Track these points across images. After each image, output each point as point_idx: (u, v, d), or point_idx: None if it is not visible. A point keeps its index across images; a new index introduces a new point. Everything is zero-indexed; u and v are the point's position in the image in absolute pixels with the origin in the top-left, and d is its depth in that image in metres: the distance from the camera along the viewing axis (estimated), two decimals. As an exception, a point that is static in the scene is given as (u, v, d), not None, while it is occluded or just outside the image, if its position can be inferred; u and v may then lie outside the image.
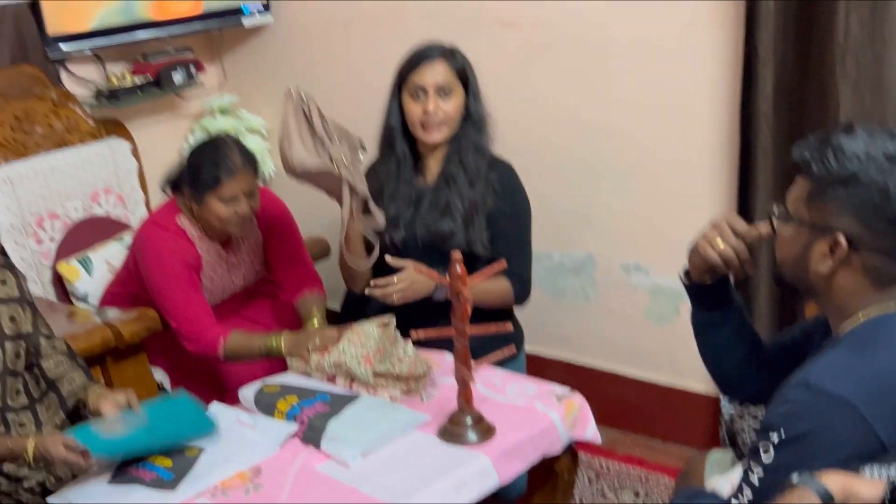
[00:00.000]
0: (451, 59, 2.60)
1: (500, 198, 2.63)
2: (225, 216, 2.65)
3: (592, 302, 3.35)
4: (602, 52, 3.11)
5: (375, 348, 2.37)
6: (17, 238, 3.07)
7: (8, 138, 3.21)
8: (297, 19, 3.84)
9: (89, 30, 3.43)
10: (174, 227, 2.73)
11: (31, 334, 2.34)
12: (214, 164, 2.62)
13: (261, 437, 2.20)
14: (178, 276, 2.67)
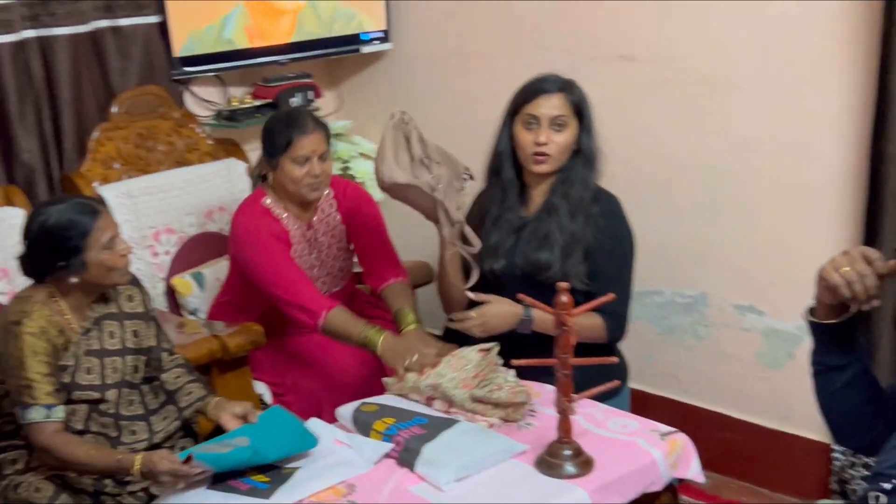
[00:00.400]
0: (568, 92, 2.59)
1: (601, 231, 2.60)
2: (298, 177, 2.77)
3: (703, 341, 3.28)
4: (721, 87, 3.07)
5: (473, 373, 2.36)
6: (135, 250, 3.18)
7: (131, 154, 3.36)
8: (416, 48, 3.91)
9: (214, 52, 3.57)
10: (260, 207, 2.86)
11: (154, 348, 2.47)
12: (286, 126, 2.78)
13: (356, 454, 2.21)
14: (271, 248, 2.77)
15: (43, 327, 2.26)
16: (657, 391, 3.40)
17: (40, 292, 2.33)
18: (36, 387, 2.21)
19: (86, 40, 3.28)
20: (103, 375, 2.36)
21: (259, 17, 3.61)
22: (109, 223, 2.31)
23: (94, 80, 3.34)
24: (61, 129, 3.24)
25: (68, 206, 2.28)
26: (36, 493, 2.26)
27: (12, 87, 3.08)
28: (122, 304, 2.45)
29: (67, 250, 2.25)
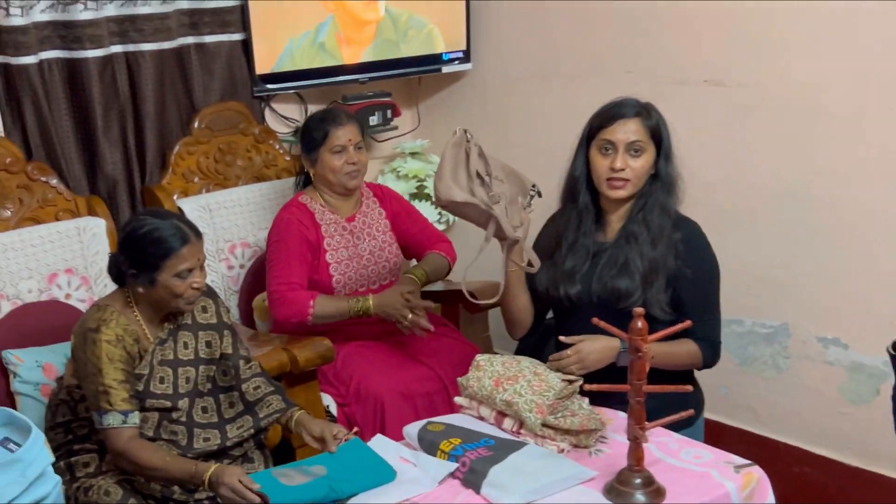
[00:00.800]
0: (645, 117, 2.55)
1: (683, 259, 2.55)
2: (338, 166, 2.99)
3: (783, 373, 3.20)
4: (811, 114, 3.01)
5: (552, 401, 2.34)
6: (210, 262, 3.26)
7: (211, 169, 3.43)
8: (496, 69, 3.92)
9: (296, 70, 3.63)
10: (296, 203, 3.07)
11: (231, 356, 2.52)
12: (321, 121, 3.04)
13: (421, 473, 2.21)
14: (289, 245, 2.96)
15: (119, 335, 2.32)
16: (733, 422, 3.33)
17: (118, 301, 2.40)
18: (112, 393, 2.28)
19: (171, 56, 3.36)
20: (175, 385, 2.42)
21: (346, 27, 3.69)
22: (194, 254, 2.35)
23: (177, 96, 3.42)
24: (144, 142, 3.32)
25: (164, 224, 2.34)
26: (105, 496, 2.31)
27: (98, 101, 3.17)
28: (197, 315, 2.50)
29: (144, 263, 2.32)
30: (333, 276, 3.02)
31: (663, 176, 2.57)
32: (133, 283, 2.37)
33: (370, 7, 3.72)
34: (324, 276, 3.01)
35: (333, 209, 3.08)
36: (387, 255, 3.14)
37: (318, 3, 3.60)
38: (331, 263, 3.02)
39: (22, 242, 2.92)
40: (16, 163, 3.00)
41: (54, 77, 3.11)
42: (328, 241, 3.03)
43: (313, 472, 2.19)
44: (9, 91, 3.05)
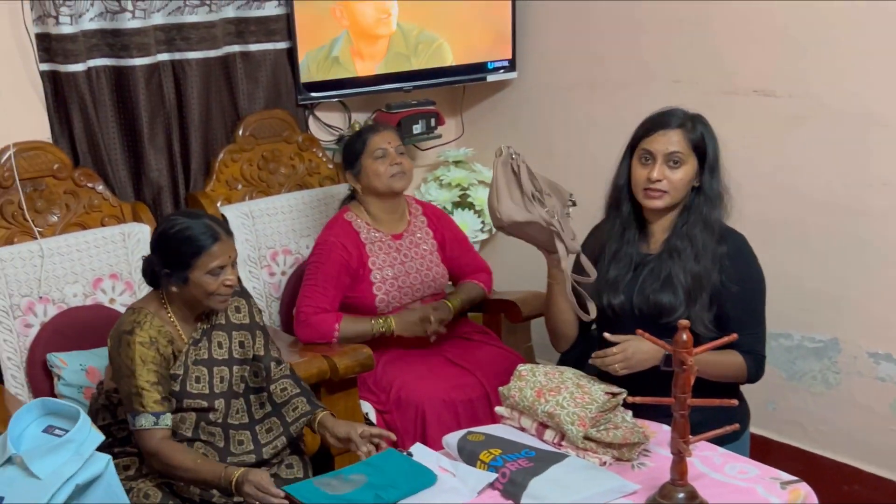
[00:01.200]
0: (689, 128, 2.51)
1: (728, 273, 2.51)
2: (382, 171, 3.01)
3: (833, 389, 3.16)
4: (863, 125, 2.98)
5: (594, 414, 2.32)
6: (252, 269, 3.29)
7: (254, 176, 3.46)
8: (541, 78, 3.92)
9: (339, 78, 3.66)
10: (340, 221, 3.10)
11: (263, 357, 2.56)
12: (359, 134, 3.10)
13: (460, 483, 2.20)
14: (327, 270, 2.99)
15: (153, 337, 2.36)
16: (780, 438, 3.29)
17: (152, 303, 2.45)
18: (145, 395, 2.32)
19: (216, 64, 3.41)
20: (211, 385, 2.45)
21: (360, 41, 3.71)
22: (225, 251, 2.39)
23: (222, 103, 3.46)
24: (189, 149, 3.36)
25: (195, 223, 2.39)
26: (145, 499, 2.35)
27: (145, 108, 3.22)
28: (230, 315, 2.54)
29: (176, 262, 2.36)
30: (377, 295, 3.04)
31: (707, 189, 2.53)
32: (167, 283, 2.41)
33: (382, 22, 3.74)
34: (367, 294, 3.03)
35: (379, 226, 3.09)
36: (433, 274, 3.15)
37: (334, 17, 3.63)
38: (375, 283, 3.04)
39: (68, 247, 2.97)
40: (63, 169, 3.05)
41: (102, 84, 3.16)
42: (373, 259, 3.04)
43: (354, 481, 2.19)
44: (57, 98, 3.10)
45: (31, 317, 2.89)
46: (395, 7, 3.73)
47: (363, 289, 3.03)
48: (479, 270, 3.30)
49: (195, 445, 2.43)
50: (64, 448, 2.07)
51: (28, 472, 2.03)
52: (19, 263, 2.88)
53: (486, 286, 3.28)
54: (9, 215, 2.96)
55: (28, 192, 2.98)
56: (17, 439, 2.11)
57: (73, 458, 2.07)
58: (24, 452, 2.05)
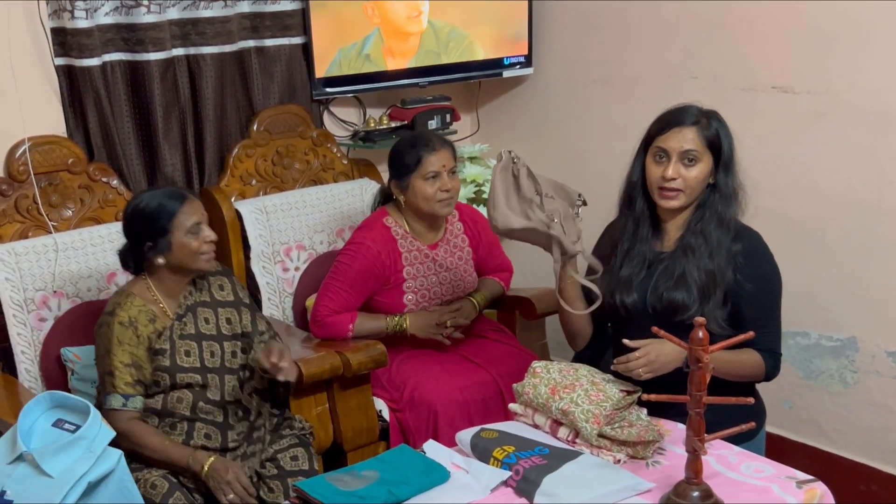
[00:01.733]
0: (704, 125, 2.48)
1: (743, 271, 2.49)
2: (431, 193, 2.93)
3: (850, 388, 3.14)
4: (883, 122, 2.96)
5: (610, 412, 2.32)
6: (265, 264, 3.30)
7: (268, 171, 3.47)
8: (557, 74, 3.91)
9: (354, 73, 3.66)
10: (379, 225, 3.03)
11: (251, 332, 2.67)
12: (413, 146, 2.95)
13: (473, 480, 2.20)
14: (354, 275, 2.95)
15: (133, 317, 2.48)
16: (796, 437, 3.28)
17: (137, 284, 2.57)
18: (117, 375, 2.43)
19: (231, 59, 3.41)
20: (202, 359, 2.55)
21: (391, 39, 3.71)
22: (196, 209, 2.54)
23: (237, 98, 3.47)
24: (203, 144, 3.37)
25: (159, 192, 2.55)
26: (152, 489, 2.38)
27: (159, 103, 3.23)
28: (215, 293, 2.65)
29: (155, 231, 2.48)
30: (407, 305, 3.03)
31: (722, 187, 2.51)
32: (153, 258, 2.52)
33: (413, 20, 3.75)
34: (397, 301, 3.02)
35: (417, 236, 3.05)
36: (464, 283, 3.14)
37: (365, 15, 3.64)
38: (406, 292, 3.03)
39: (82, 242, 2.99)
40: (78, 163, 3.07)
41: (117, 79, 3.17)
42: (408, 269, 3.02)
43: (367, 477, 2.19)
44: (72, 92, 3.12)
45: (46, 311, 2.90)
46: (427, 5, 3.74)
47: (394, 294, 3.01)
48: (503, 269, 3.29)
49: (196, 426, 2.53)
50: (75, 445, 2.09)
51: (40, 471, 2.04)
52: (34, 258, 2.89)
53: (506, 285, 3.27)
54: (24, 209, 2.98)
55: (43, 187, 3.00)
56: (27, 434, 2.12)
57: (84, 455, 2.08)
58: (35, 450, 2.06)
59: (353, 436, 2.89)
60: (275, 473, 2.55)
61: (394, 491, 2.13)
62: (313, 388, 2.84)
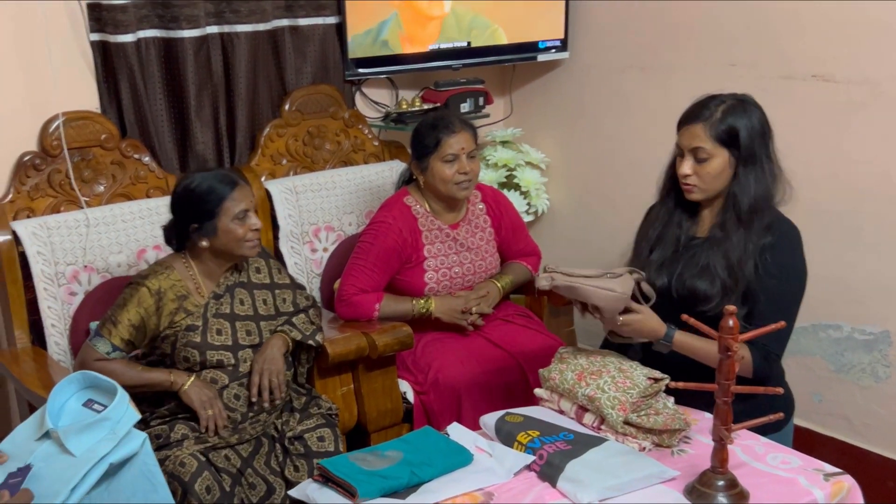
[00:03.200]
0: (714, 122, 2.44)
1: (766, 263, 2.47)
2: (448, 175, 2.96)
3: (882, 382, 3.12)
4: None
5: (636, 399, 2.32)
6: (294, 244, 3.33)
7: (299, 151, 3.49)
8: (593, 59, 3.90)
9: (387, 54, 3.67)
10: (400, 204, 3.08)
11: (292, 313, 2.76)
12: (433, 128, 2.99)
13: (496, 464, 2.21)
14: (378, 253, 2.99)
15: (163, 288, 2.56)
16: (825, 431, 3.27)
17: (177, 259, 2.64)
18: (118, 327, 2.53)
19: (265, 38, 3.44)
20: (235, 338, 2.62)
21: (409, 24, 3.69)
22: (245, 196, 2.59)
23: (269, 77, 3.50)
24: (235, 122, 3.40)
25: (211, 175, 2.59)
26: (181, 467, 2.41)
27: (192, 81, 3.26)
28: (252, 276, 2.71)
29: (203, 213, 2.54)
30: (428, 283, 3.05)
31: (742, 180, 2.47)
32: (197, 239, 2.58)
33: (435, 4, 3.72)
34: (418, 280, 3.05)
35: (437, 215, 3.09)
36: (486, 265, 3.16)
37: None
38: (427, 270, 3.05)
39: (113, 217, 3.03)
40: (110, 139, 3.11)
41: (151, 56, 3.20)
42: (429, 248, 3.05)
43: (390, 457, 2.21)
44: (106, 68, 3.15)
45: (76, 285, 2.95)
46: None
47: (414, 274, 3.04)
48: (531, 254, 3.30)
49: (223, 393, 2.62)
50: (100, 426, 2.11)
51: (63, 449, 2.07)
52: (65, 232, 2.94)
53: (533, 269, 3.28)
54: (56, 184, 3.02)
55: (76, 162, 3.04)
56: (57, 412, 2.15)
57: (108, 436, 2.10)
58: (61, 428, 2.09)
59: (377, 417, 2.92)
60: (301, 452, 2.59)
61: (417, 472, 2.15)
62: (339, 369, 2.87)
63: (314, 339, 2.73)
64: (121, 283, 2.87)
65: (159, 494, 2.19)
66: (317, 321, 2.80)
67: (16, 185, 2.98)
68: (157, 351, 2.63)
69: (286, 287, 2.78)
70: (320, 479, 2.19)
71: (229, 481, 2.45)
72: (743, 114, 2.46)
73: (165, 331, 2.58)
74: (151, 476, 2.18)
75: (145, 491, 2.16)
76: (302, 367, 2.81)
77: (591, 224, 3.94)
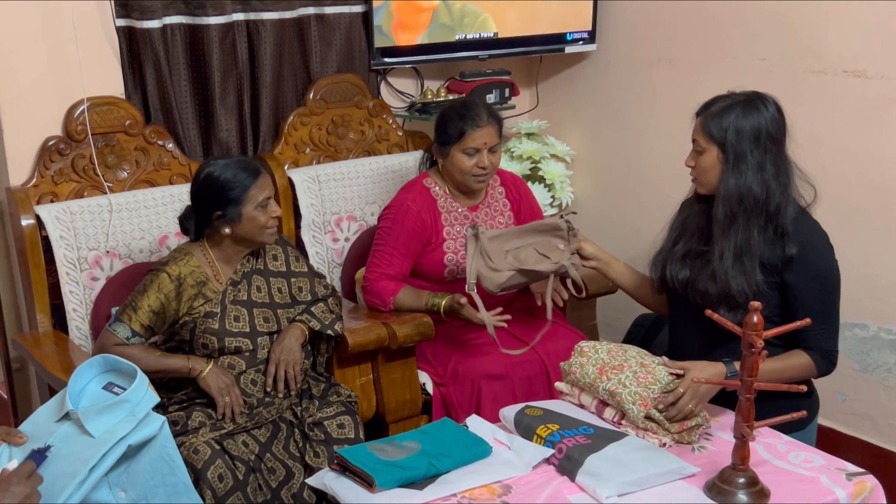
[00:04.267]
0: (708, 116, 2.44)
1: (797, 272, 2.44)
2: (467, 167, 2.98)
3: (909, 383, 3.09)
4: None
5: (657, 394, 2.32)
6: (316, 234, 3.34)
7: (323, 140, 3.51)
8: (621, 51, 3.89)
9: (415, 44, 3.67)
10: (419, 186, 3.10)
11: (310, 302, 2.80)
12: (460, 118, 2.98)
13: (515, 456, 2.22)
14: (399, 236, 3.01)
15: (182, 274, 2.60)
16: (849, 431, 3.24)
17: (195, 246, 2.68)
18: (138, 312, 2.57)
19: (291, 26, 3.45)
20: (253, 325, 2.66)
21: (401, 13, 3.64)
22: (267, 184, 2.64)
23: (294, 65, 3.51)
24: (259, 110, 3.42)
25: (233, 162, 2.63)
26: (194, 454, 2.43)
27: (217, 67, 3.28)
28: (269, 263, 2.75)
29: (228, 201, 2.58)
30: (448, 265, 3.06)
31: (726, 186, 2.42)
32: (220, 226, 2.61)
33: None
34: (437, 262, 3.06)
35: (457, 198, 3.11)
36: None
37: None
38: (447, 252, 3.06)
39: (136, 203, 3.06)
40: (135, 125, 3.13)
41: (176, 42, 3.22)
42: (448, 229, 3.07)
43: (408, 448, 2.23)
44: (132, 54, 3.18)
45: (98, 270, 2.98)
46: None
47: (434, 256, 3.05)
48: None
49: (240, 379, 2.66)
50: (119, 408, 2.13)
51: (83, 430, 2.09)
52: (88, 217, 2.97)
53: None
54: (80, 169, 3.05)
55: (100, 147, 3.07)
56: (78, 395, 2.17)
57: (127, 418, 2.12)
58: (81, 410, 2.11)
59: (396, 408, 2.93)
60: (321, 439, 2.60)
61: (435, 463, 2.16)
62: (358, 359, 2.89)
63: (333, 328, 2.75)
64: (143, 269, 2.90)
65: (177, 477, 2.21)
66: (336, 310, 2.82)
67: (40, 169, 3.01)
68: (176, 337, 2.66)
69: (303, 275, 2.80)
70: (338, 468, 2.21)
71: (244, 469, 2.47)
72: (741, 113, 2.42)
73: (184, 317, 2.61)
74: (170, 459, 2.20)
75: (163, 473, 2.19)
76: (321, 356, 2.82)
77: (615, 218, 3.93)
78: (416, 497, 2.07)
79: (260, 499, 2.49)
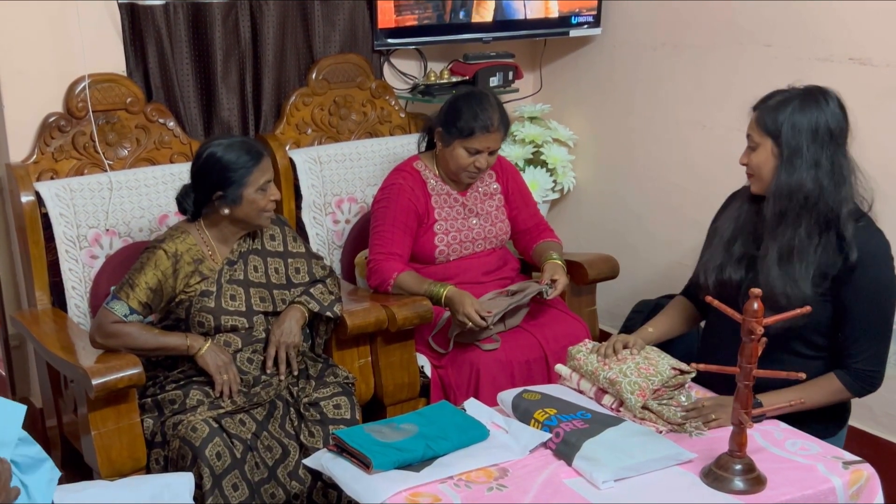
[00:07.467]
0: (763, 111, 2.40)
1: (852, 284, 2.37)
2: (464, 164, 3.04)
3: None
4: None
5: (657, 387, 2.34)
6: (316, 215, 3.36)
7: (324, 121, 3.51)
8: (626, 35, 3.88)
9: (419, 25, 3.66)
10: (410, 168, 3.15)
11: (308, 283, 2.82)
12: (474, 117, 3.00)
13: (512, 440, 2.24)
14: (396, 214, 3.05)
15: (179, 251, 2.63)
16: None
17: (192, 226, 2.71)
18: (136, 290, 2.59)
19: (294, 5, 3.45)
20: (249, 304, 2.70)
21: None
22: (268, 168, 2.67)
23: (297, 45, 3.51)
24: (261, 90, 3.42)
25: (236, 143, 2.65)
26: (192, 432, 2.46)
27: (220, 46, 3.28)
28: (266, 243, 2.78)
29: (230, 182, 2.60)
30: (438, 246, 3.09)
31: (782, 183, 2.37)
32: (219, 207, 2.64)
33: None
34: (428, 244, 3.09)
35: (446, 181, 3.15)
36: (496, 229, 3.19)
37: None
38: (437, 234, 3.09)
39: (136, 182, 3.07)
40: (136, 103, 3.14)
41: (179, 20, 3.22)
42: (438, 212, 3.10)
43: (406, 430, 2.25)
44: (134, 31, 3.18)
45: (97, 248, 2.99)
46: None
47: (425, 238, 3.09)
48: (546, 229, 3.31)
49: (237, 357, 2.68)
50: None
51: None
52: (88, 195, 2.98)
53: (559, 241, 3.29)
54: (80, 146, 3.06)
55: (100, 125, 3.08)
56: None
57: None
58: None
59: (394, 390, 2.96)
60: (317, 419, 2.63)
61: (432, 445, 2.18)
62: (357, 341, 2.91)
63: (332, 310, 2.77)
64: (142, 247, 2.91)
65: None
66: (335, 291, 2.84)
67: (40, 146, 3.02)
68: (172, 316, 2.68)
69: (300, 256, 2.82)
70: (335, 449, 2.23)
71: (241, 448, 2.50)
72: (799, 107, 2.37)
73: (180, 295, 2.63)
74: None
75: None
76: (320, 338, 2.84)
77: (616, 204, 3.94)
78: (413, 479, 2.09)
79: (257, 477, 2.52)
